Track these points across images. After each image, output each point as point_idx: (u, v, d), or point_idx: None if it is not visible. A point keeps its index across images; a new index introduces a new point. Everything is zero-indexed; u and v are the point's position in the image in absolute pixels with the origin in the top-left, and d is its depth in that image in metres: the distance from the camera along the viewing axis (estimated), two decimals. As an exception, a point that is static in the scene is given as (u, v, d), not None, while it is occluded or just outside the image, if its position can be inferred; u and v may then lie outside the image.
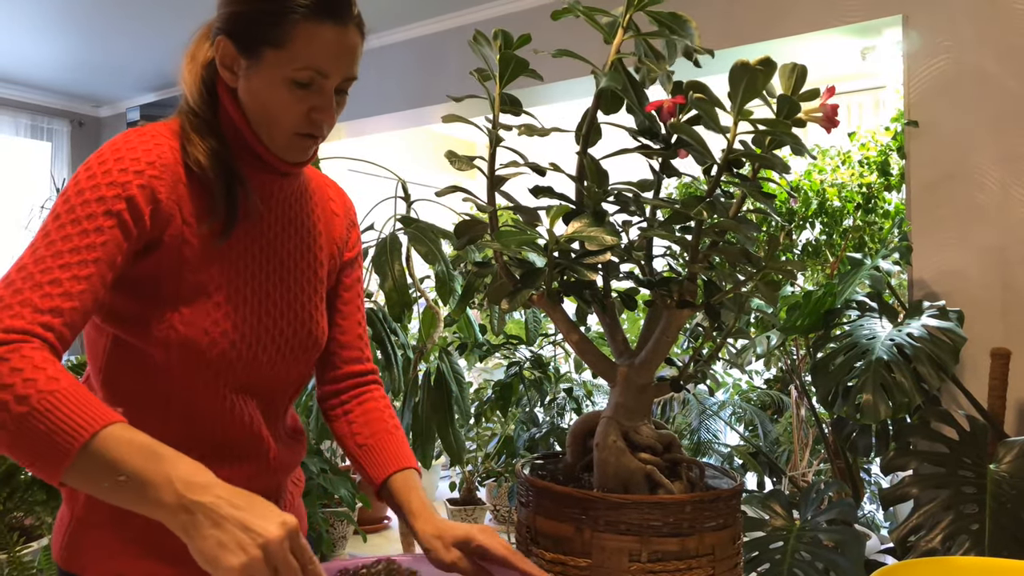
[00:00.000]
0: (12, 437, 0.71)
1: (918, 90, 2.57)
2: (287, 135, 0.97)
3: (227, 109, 0.98)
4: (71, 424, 0.71)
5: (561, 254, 1.02)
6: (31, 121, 5.31)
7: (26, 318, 0.77)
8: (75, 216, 0.84)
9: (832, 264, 2.77)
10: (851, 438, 2.17)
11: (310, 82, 0.94)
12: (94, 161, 0.88)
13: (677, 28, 0.97)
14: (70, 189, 0.86)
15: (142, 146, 0.91)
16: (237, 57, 0.95)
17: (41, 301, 0.79)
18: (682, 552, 0.97)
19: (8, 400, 0.71)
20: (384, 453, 1.10)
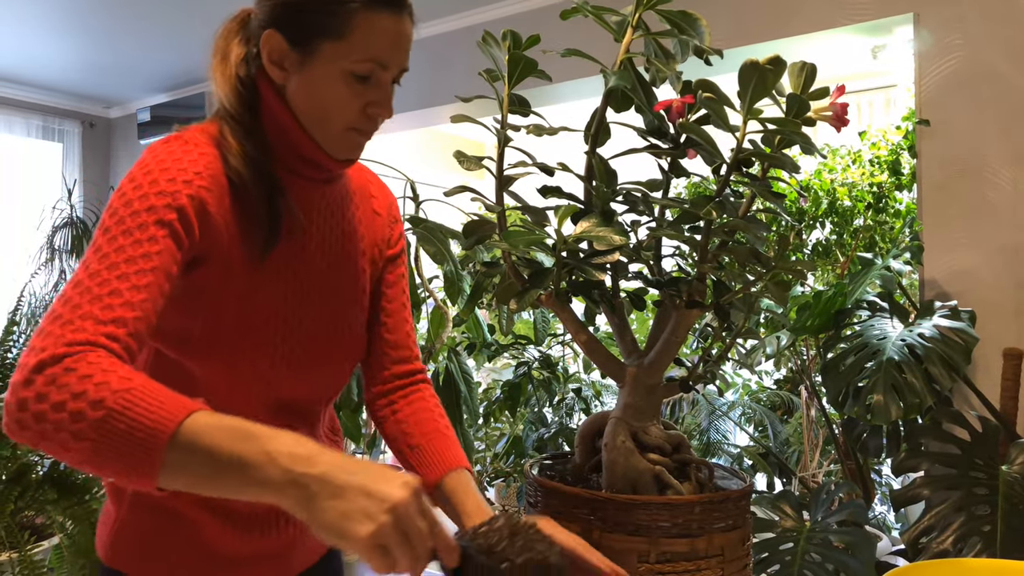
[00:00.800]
0: (94, 446, 0.67)
1: (929, 89, 2.55)
2: (341, 131, 0.93)
3: (272, 109, 0.93)
4: (153, 418, 0.66)
5: (569, 254, 1.02)
6: (43, 122, 5.34)
7: (88, 330, 0.73)
8: (126, 227, 0.80)
9: (842, 264, 2.75)
10: (862, 439, 2.15)
11: (369, 75, 0.90)
12: (138, 172, 0.84)
13: (687, 27, 0.96)
14: (116, 202, 0.83)
15: (187, 156, 0.87)
16: (289, 52, 0.90)
17: (102, 313, 0.75)
18: (691, 553, 0.96)
19: (83, 408, 0.67)
20: (436, 455, 1.05)
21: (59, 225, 5.24)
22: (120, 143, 5.66)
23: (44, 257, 5.16)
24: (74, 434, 0.67)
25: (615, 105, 1.03)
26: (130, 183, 0.84)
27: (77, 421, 0.67)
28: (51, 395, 0.68)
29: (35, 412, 0.68)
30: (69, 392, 0.68)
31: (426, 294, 2.50)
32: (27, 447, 2.47)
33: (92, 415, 0.67)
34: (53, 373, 0.69)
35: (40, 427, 0.68)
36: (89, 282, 0.76)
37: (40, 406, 0.68)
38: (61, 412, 0.68)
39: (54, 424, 0.67)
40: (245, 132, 0.92)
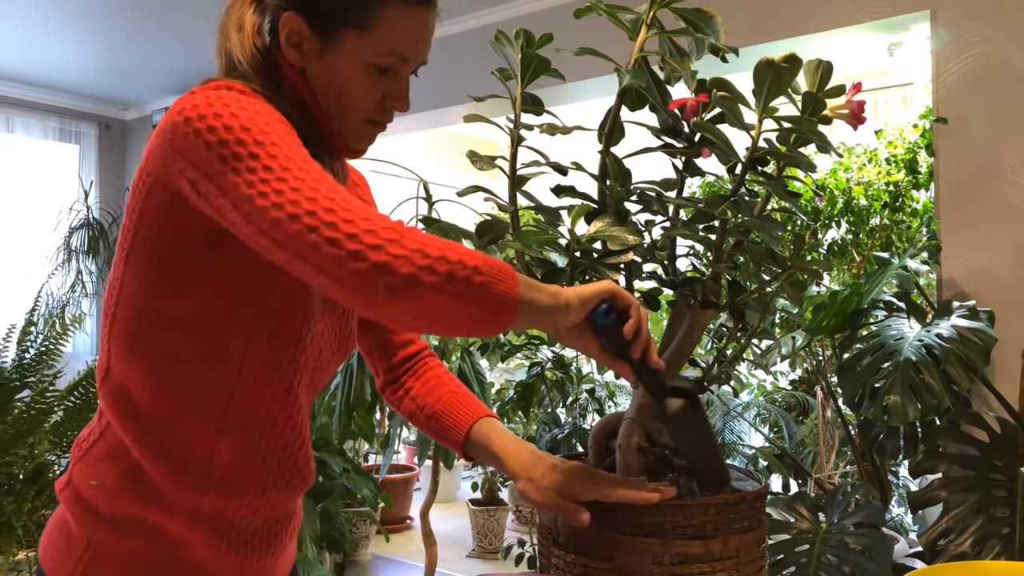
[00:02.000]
0: (463, 308, 0.72)
1: (947, 86, 2.53)
2: (358, 122, 0.91)
3: (295, 87, 0.90)
4: (505, 289, 0.73)
5: (583, 254, 1.02)
6: (59, 124, 5.39)
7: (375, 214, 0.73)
8: (278, 130, 0.77)
9: (858, 264, 2.73)
10: (878, 440, 2.13)
11: (390, 68, 0.88)
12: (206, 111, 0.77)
13: (702, 25, 0.95)
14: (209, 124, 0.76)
15: (236, 103, 0.80)
16: (310, 37, 0.87)
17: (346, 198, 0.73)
18: (706, 555, 0.95)
19: (468, 276, 0.71)
20: (455, 415, 1.05)
21: (76, 226, 5.29)
22: (135, 145, 5.71)
23: (61, 258, 5.21)
24: (468, 284, 0.71)
25: (629, 104, 1.03)
26: (200, 121, 0.77)
27: (443, 291, 0.70)
28: (428, 250, 0.71)
29: (418, 262, 0.70)
30: (436, 253, 0.71)
31: (439, 294, 2.50)
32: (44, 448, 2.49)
33: (476, 279, 0.71)
34: (410, 237, 0.71)
35: (429, 281, 0.70)
36: (317, 180, 0.73)
37: (423, 262, 0.70)
38: (445, 266, 0.70)
39: (442, 278, 0.70)
40: (278, 101, 0.87)
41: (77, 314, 4.93)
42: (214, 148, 0.76)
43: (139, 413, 0.86)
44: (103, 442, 0.90)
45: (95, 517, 0.87)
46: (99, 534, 0.87)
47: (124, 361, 0.87)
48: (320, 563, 2.66)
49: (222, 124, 0.77)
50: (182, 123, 0.78)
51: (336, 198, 0.72)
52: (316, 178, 0.74)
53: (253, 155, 0.75)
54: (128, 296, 0.87)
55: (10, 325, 2.81)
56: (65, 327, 2.72)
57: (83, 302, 5.23)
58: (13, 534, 2.32)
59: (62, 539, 0.89)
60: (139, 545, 0.86)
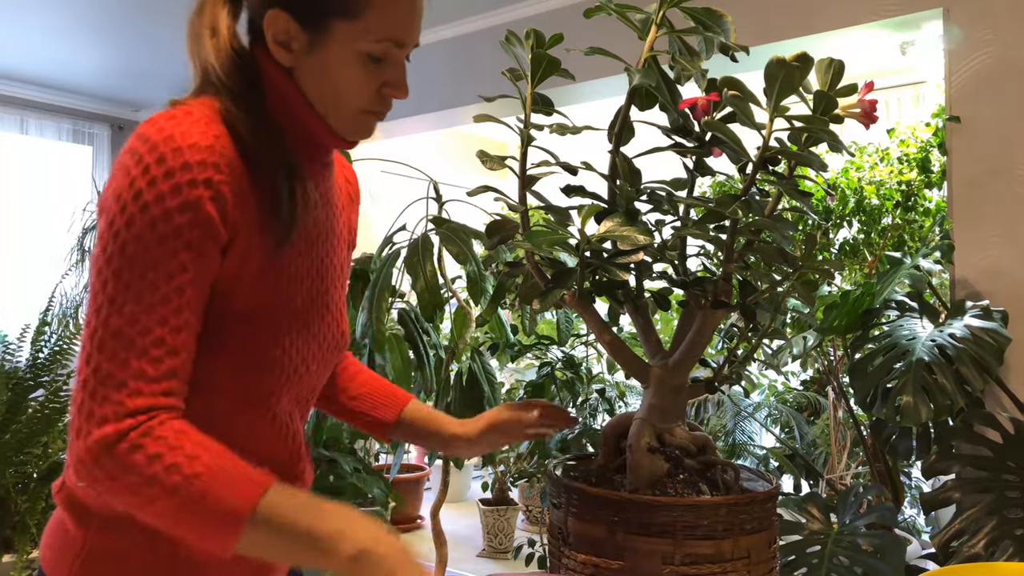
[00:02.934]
0: (174, 522, 0.74)
1: (959, 85, 2.51)
2: (355, 114, 0.88)
3: (278, 89, 0.86)
4: (229, 503, 0.73)
5: (593, 254, 1.02)
6: (73, 126, 5.43)
7: (145, 392, 0.75)
8: (153, 257, 0.75)
9: (870, 263, 2.71)
10: (891, 441, 2.12)
11: (384, 55, 0.85)
12: (147, 154, 0.76)
13: (712, 24, 0.95)
14: (126, 196, 0.76)
15: (197, 131, 0.78)
16: (298, 32, 0.84)
17: (152, 368, 0.75)
18: (717, 555, 0.95)
19: (157, 495, 0.72)
20: (385, 397, 1.10)
21: (89, 227, 5.32)
22: (148, 146, 5.74)
23: (74, 259, 5.25)
24: (156, 513, 0.74)
25: (639, 103, 1.02)
26: (139, 168, 0.76)
27: (151, 503, 0.73)
28: (123, 477, 0.73)
29: (111, 486, 0.74)
30: (142, 476, 0.73)
31: (449, 294, 2.51)
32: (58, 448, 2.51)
33: (168, 500, 0.72)
34: (120, 452, 0.73)
35: (121, 497, 0.74)
36: (129, 330, 0.75)
37: (115, 484, 0.74)
38: (137, 496, 0.73)
39: (136, 498, 0.74)
40: (254, 110, 0.84)
41: (90, 314, 4.97)
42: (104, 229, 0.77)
43: None
44: None
45: (90, 517, 0.88)
46: (95, 534, 0.87)
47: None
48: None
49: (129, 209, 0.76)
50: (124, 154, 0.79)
51: (122, 389, 0.74)
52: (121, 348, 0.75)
53: (118, 252, 0.75)
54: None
55: (24, 325, 2.83)
56: (78, 327, 2.74)
57: (96, 302, 5.26)
58: (27, 532, 2.34)
59: (60, 539, 0.90)
60: (135, 544, 0.87)
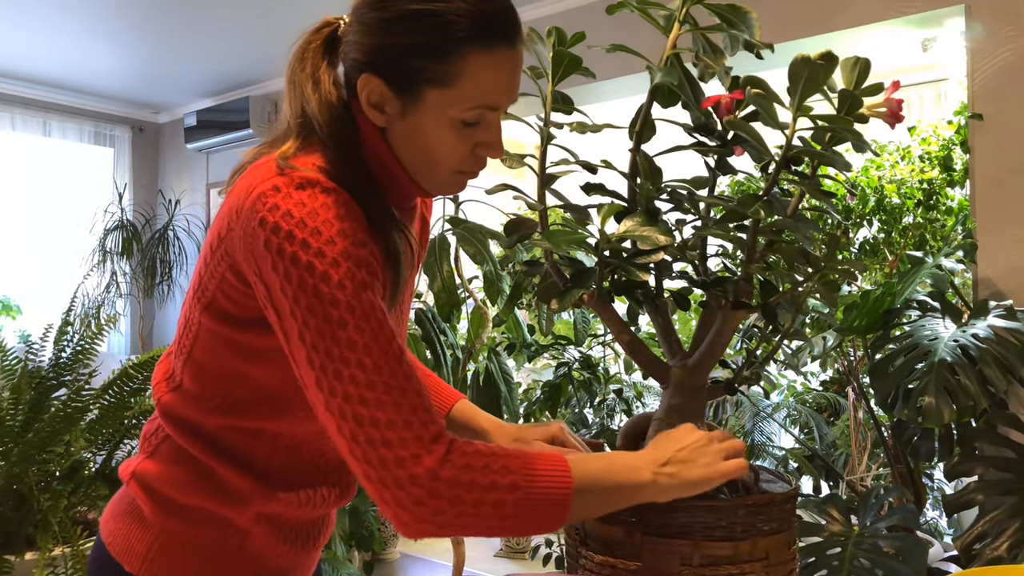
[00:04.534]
0: (516, 519, 0.78)
1: (982, 82, 2.48)
2: (447, 176, 0.88)
3: (374, 148, 0.86)
4: (553, 494, 0.79)
5: (612, 253, 1.01)
6: (95, 128, 5.49)
7: (431, 421, 0.78)
8: (358, 313, 0.77)
9: (891, 263, 2.69)
10: (912, 442, 2.10)
11: (478, 120, 0.83)
12: (300, 232, 0.76)
13: (736, 20, 0.94)
14: (301, 276, 0.76)
15: (333, 202, 0.79)
16: (392, 98, 0.82)
17: (418, 399, 0.78)
18: (735, 557, 0.94)
19: (501, 499, 0.77)
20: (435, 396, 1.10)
21: (110, 228, 5.38)
22: (168, 147, 5.80)
23: (96, 259, 5.30)
24: (501, 516, 0.78)
25: (661, 101, 1.02)
26: (295, 245, 0.76)
27: (498, 509, 0.77)
28: (465, 496, 0.76)
29: (459, 511, 0.77)
30: (481, 487, 0.77)
31: (466, 295, 2.51)
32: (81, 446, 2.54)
33: (509, 502, 0.77)
34: (450, 477, 0.76)
35: (469, 516, 0.78)
36: (379, 378, 0.77)
37: (459, 507, 0.77)
38: (482, 506, 0.77)
39: (482, 509, 0.77)
40: (358, 166, 0.84)
41: (112, 314, 5.03)
42: (289, 279, 0.77)
43: (200, 433, 0.91)
44: (170, 441, 0.94)
45: (169, 506, 0.92)
46: (172, 522, 0.91)
47: (193, 391, 0.91)
48: (349, 561, 2.68)
49: (306, 257, 0.76)
50: (259, 227, 0.78)
51: (408, 427, 0.77)
52: (381, 383, 0.77)
53: (326, 317, 0.76)
54: (204, 345, 0.89)
55: (47, 325, 2.86)
56: (100, 327, 2.76)
57: (117, 302, 5.33)
58: (50, 530, 2.36)
59: (134, 524, 0.93)
60: (208, 533, 0.92)
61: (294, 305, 0.77)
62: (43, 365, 2.72)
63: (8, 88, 4.99)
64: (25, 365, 2.67)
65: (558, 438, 1.05)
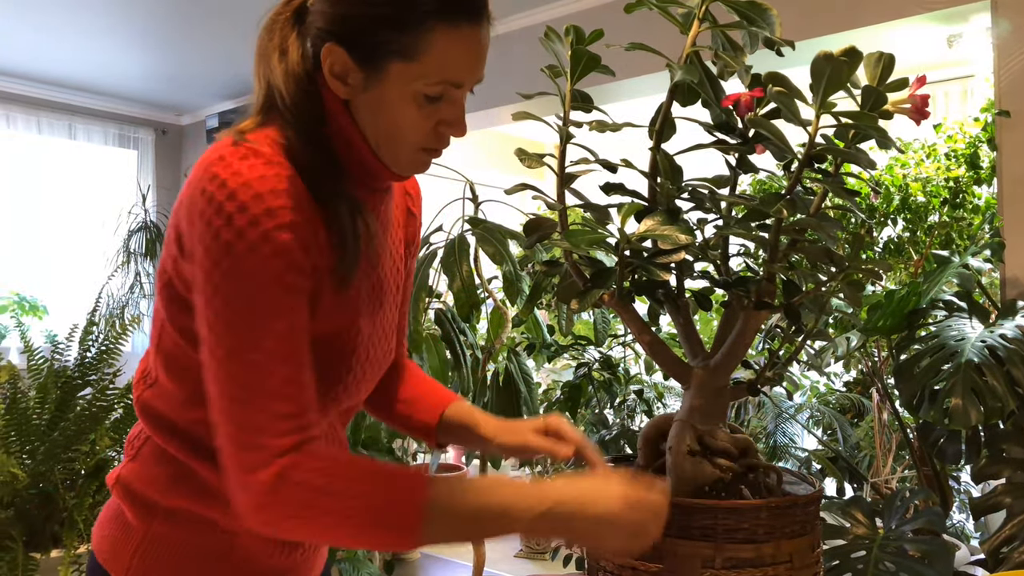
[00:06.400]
0: (355, 539, 0.79)
1: (1009, 78, 2.43)
2: (410, 152, 0.86)
3: (338, 120, 0.85)
4: (401, 509, 0.77)
5: (633, 253, 1.00)
6: (119, 131, 5.56)
7: (289, 431, 0.77)
8: (260, 304, 0.76)
9: (916, 262, 2.65)
10: (939, 444, 2.07)
11: (441, 95, 0.82)
12: (230, 206, 0.76)
13: (757, 17, 0.93)
14: (219, 254, 0.76)
15: (272, 174, 0.78)
16: (354, 69, 0.81)
17: (288, 407, 0.77)
18: (758, 559, 0.93)
19: (337, 521, 0.76)
20: (431, 398, 1.09)
21: (134, 229, 5.45)
22: (191, 149, 5.86)
23: (120, 260, 5.37)
24: (337, 537, 0.78)
25: (681, 99, 1.01)
26: (222, 218, 0.76)
27: (334, 529, 0.77)
28: (299, 513, 0.76)
29: (293, 524, 0.77)
30: (317, 508, 0.76)
31: (485, 295, 2.51)
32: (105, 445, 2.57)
33: (346, 524, 0.76)
34: (285, 492, 0.76)
35: (305, 531, 0.79)
36: (256, 377, 0.77)
37: (295, 521, 0.77)
38: (315, 525, 0.77)
39: (315, 528, 0.77)
40: (317, 145, 0.83)
41: (136, 314, 5.09)
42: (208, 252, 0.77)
43: (177, 430, 0.89)
44: (152, 443, 0.92)
45: (152, 510, 0.90)
46: (156, 526, 0.90)
47: (167, 385, 0.90)
48: (369, 561, 2.69)
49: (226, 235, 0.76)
50: (200, 196, 0.78)
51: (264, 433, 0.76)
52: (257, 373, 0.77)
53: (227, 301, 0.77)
54: (169, 337, 0.88)
55: (72, 325, 2.90)
56: (124, 327, 2.80)
57: (141, 302, 5.39)
58: (75, 528, 2.39)
59: (119, 530, 0.92)
60: (193, 536, 0.90)
61: (205, 279, 0.77)
62: (69, 365, 2.75)
63: (34, 91, 5.07)
64: (51, 365, 2.71)
65: (552, 427, 1.02)
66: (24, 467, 2.45)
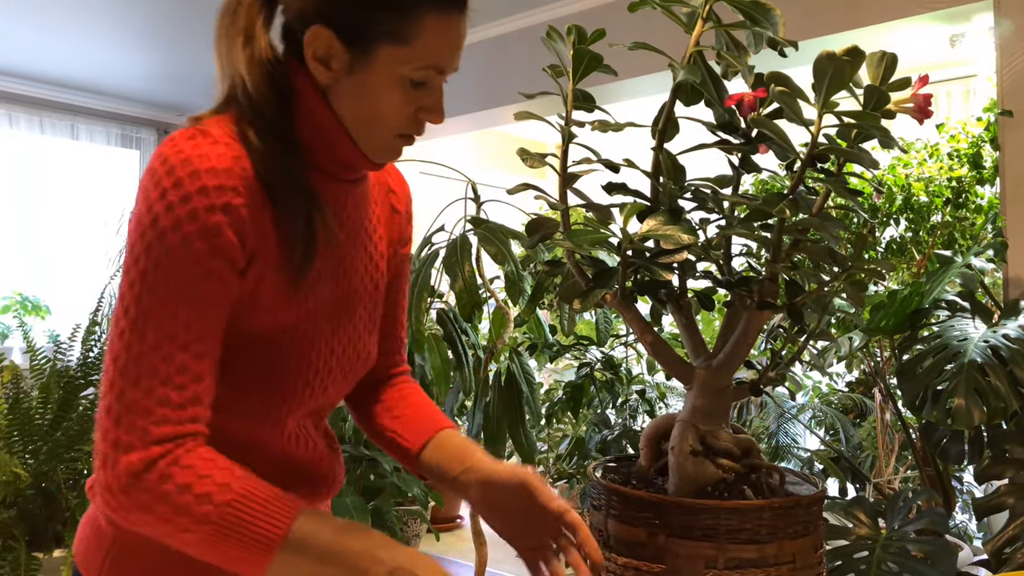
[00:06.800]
0: (205, 549, 0.74)
1: (1012, 78, 2.43)
2: (388, 137, 0.86)
3: (311, 109, 0.84)
4: (263, 528, 0.73)
5: (635, 253, 1.00)
6: (121, 131, 5.56)
7: (170, 420, 0.74)
8: (174, 285, 0.75)
9: (918, 262, 2.65)
10: (941, 444, 2.06)
11: (426, 81, 0.83)
12: (167, 181, 0.75)
13: (760, 17, 0.93)
14: (145, 221, 0.75)
15: (216, 153, 0.77)
16: (341, 52, 0.81)
17: (177, 395, 0.74)
18: (761, 560, 0.93)
19: (188, 524, 0.73)
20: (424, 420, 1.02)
21: (136, 229, 5.45)
22: (193, 149, 5.85)
23: (122, 260, 5.37)
24: (186, 542, 0.74)
25: (684, 99, 1.01)
26: (157, 191, 0.75)
27: (183, 532, 0.73)
28: (155, 507, 0.73)
29: (141, 516, 0.74)
30: (172, 506, 0.73)
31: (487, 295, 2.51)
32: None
33: (199, 529, 0.73)
34: (149, 482, 0.73)
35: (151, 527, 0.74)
36: (152, 356, 0.74)
37: (145, 514, 0.73)
38: (167, 524, 0.73)
39: (166, 527, 0.74)
40: (274, 132, 0.82)
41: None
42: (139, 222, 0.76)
43: None
44: None
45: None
46: (125, 529, 0.86)
47: None
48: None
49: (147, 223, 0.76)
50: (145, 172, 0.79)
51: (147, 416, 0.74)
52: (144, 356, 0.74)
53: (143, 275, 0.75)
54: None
55: (75, 325, 2.90)
56: (126, 327, 2.79)
57: (143, 302, 5.38)
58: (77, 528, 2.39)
59: (92, 535, 0.91)
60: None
61: (129, 250, 0.77)
62: (71, 365, 2.76)
63: (37, 92, 5.07)
64: (54, 365, 2.71)
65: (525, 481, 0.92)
66: (27, 467, 2.46)
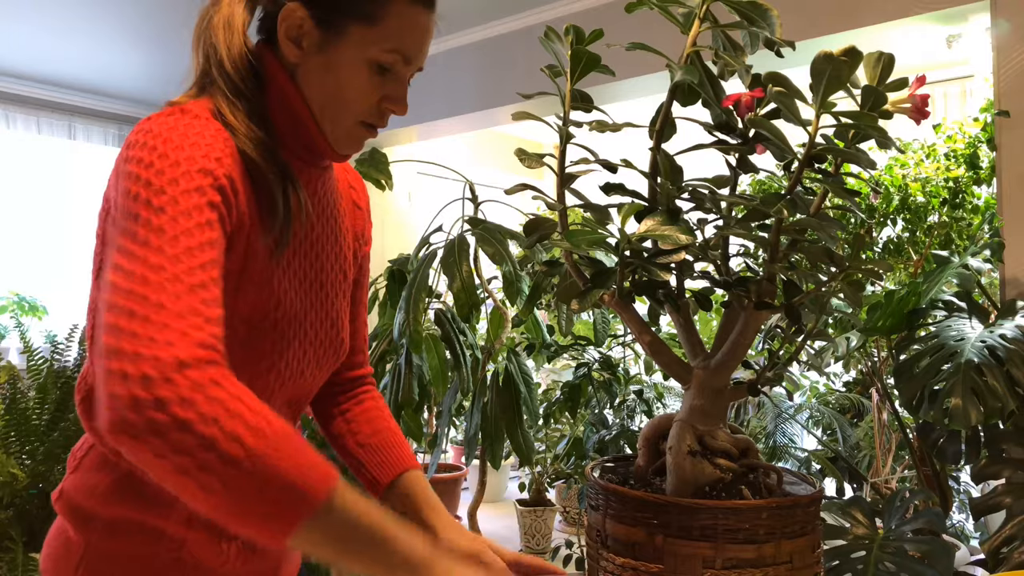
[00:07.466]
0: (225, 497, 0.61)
1: (1008, 78, 2.44)
2: (351, 124, 0.87)
3: (281, 90, 0.85)
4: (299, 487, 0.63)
5: (633, 253, 1.00)
6: (119, 131, 5.56)
7: (205, 330, 0.65)
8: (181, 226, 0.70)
9: (916, 262, 2.65)
10: (938, 444, 2.07)
11: (392, 67, 0.85)
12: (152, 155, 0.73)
13: (757, 18, 0.93)
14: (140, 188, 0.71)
15: (197, 126, 0.77)
16: (313, 29, 0.83)
17: (204, 308, 0.67)
18: (758, 560, 0.93)
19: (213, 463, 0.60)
20: (390, 454, 1.03)
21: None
22: (190, 149, 5.85)
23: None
24: (223, 459, 0.60)
25: (681, 99, 1.01)
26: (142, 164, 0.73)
27: (203, 472, 0.60)
28: (199, 404, 0.61)
29: (177, 418, 0.60)
30: (223, 408, 0.62)
31: (485, 295, 2.51)
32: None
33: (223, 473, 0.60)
34: (197, 378, 0.62)
35: (179, 436, 0.60)
36: (173, 268, 0.67)
37: (187, 413, 0.60)
38: (213, 427, 0.61)
39: (199, 439, 0.60)
40: (250, 112, 0.83)
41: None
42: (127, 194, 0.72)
43: None
44: (95, 451, 0.89)
45: (91, 523, 0.86)
46: (96, 539, 0.86)
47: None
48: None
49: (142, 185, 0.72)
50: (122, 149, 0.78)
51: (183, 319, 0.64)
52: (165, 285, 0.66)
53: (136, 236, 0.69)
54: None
55: (72, 325, 2.90)
56: (124, 327, 2.79)
57: (140, 303, 5.38)
58: (75, 527, 2.39)
59: (61, 547, 0.88)
60: (137, 547, 0.85)
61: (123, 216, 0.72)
62: (68, 365, 2.75)
63: (34, 92, 5.06)
64: (51, 365, 2.71)
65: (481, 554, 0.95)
66: (24, 467, 2.46)
